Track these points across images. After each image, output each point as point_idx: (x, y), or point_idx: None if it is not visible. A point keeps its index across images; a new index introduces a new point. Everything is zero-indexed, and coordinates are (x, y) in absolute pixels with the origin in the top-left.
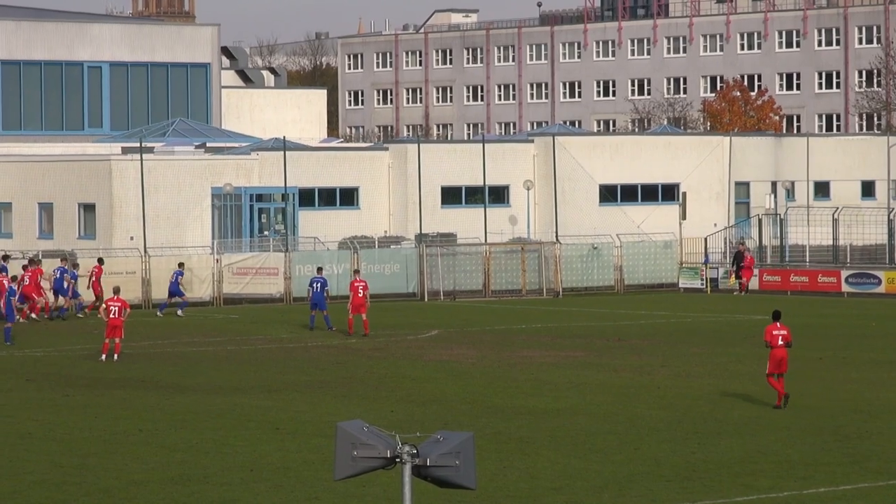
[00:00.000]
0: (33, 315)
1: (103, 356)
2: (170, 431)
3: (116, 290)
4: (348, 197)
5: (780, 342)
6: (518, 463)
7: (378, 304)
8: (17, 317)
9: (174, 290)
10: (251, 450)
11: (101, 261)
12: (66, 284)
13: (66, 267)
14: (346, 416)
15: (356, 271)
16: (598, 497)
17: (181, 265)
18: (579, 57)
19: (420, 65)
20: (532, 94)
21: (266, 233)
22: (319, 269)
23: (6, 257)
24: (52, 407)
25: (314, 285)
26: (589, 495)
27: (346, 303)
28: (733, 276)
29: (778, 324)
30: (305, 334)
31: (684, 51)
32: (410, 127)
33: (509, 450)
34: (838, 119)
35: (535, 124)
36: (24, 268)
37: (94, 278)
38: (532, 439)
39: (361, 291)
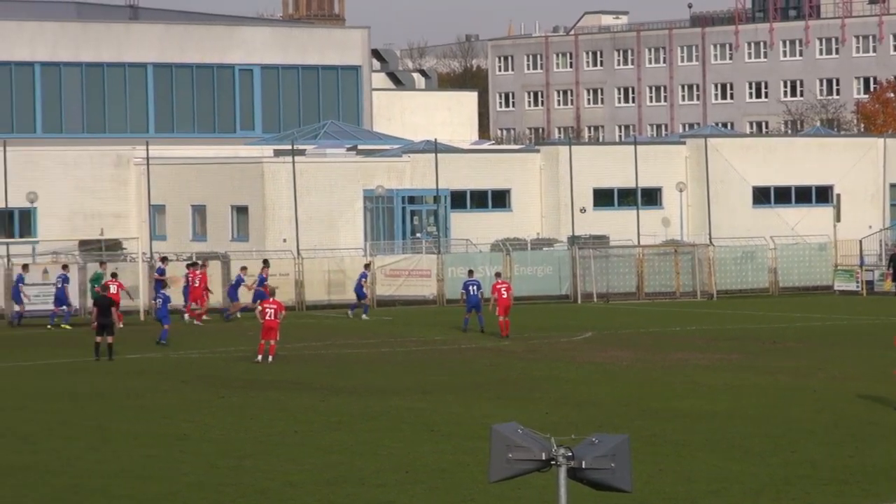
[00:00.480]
0: (197, 320)
1: (259, 357)
2: (325, 433)
3: (272, 293)
4: (500, 199)
5: None
6: (674, 466)
7: (531, 306)
8: (189, 318)
9: (359, 291)
10: (406, 451)
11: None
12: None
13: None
14: (501, 419)
15: (497, 274)
16: (755, 500)
17: (367, 266)
18: (731, 58)
19: (571, 67)
20: (683, 96)
21: (418, 235)
22: (471, 272)
23: (165, 259)
24: (207, 408)
25: (470, 288)
26: (746, 498)
27: (491, 305)
28: (890, 279)
29: None
30: (459, 336)
31: (837, 52)
32: (561, 129)
33: (665, 452)
34: None
35: (686, 126)
36: (189, 268)
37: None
38: (688, 442)
39: (505, 293)
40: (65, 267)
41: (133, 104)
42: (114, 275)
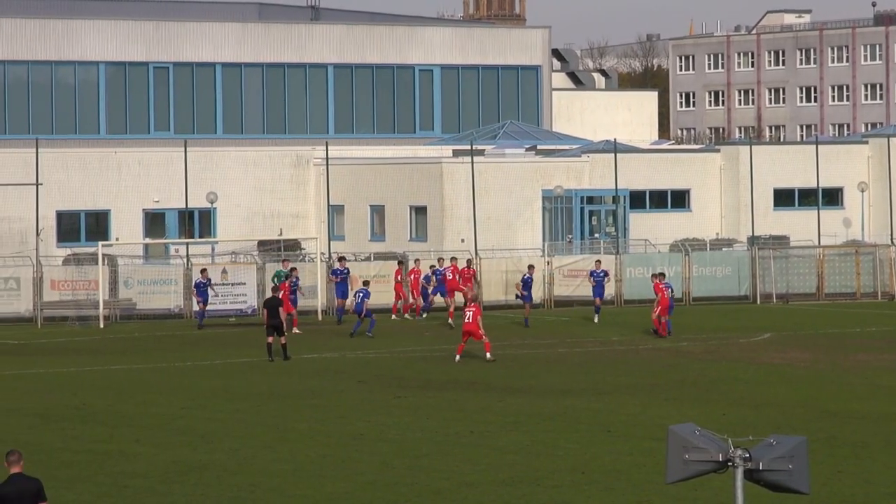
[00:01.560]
0: (405, 315)
1: (457, 357)
2: (501, 433)
3: (474, 298)
4: (679, 199)
5: None
6: (853, 468)
7: (709, 306)
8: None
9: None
10: (582, 452)
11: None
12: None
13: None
14: (678, 419)
15: (661, 274)
16: None
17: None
18: None
19: (752, 66)
20: (866, 95)
21: (597, 235)
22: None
23: (342, 259)
24: (383, 408)
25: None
26: None
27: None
28: None
29: None
30: (636, 337)
31: None
32: (742, 128)
33: (843, 454)
34: None
35: (869, 125)
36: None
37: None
38: (867, 444)
39: (668, 293)
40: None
41: (313, 105)
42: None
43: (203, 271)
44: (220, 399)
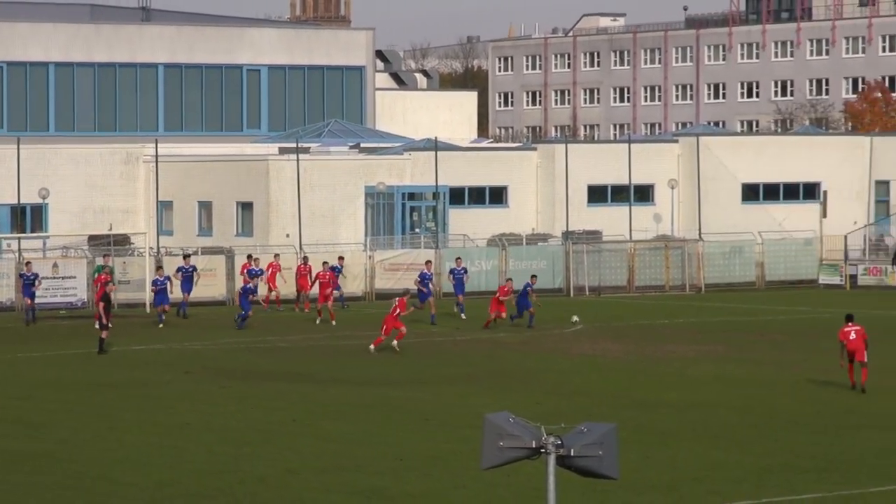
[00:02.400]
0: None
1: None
2: (323, 422)
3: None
4: (497, 195)
5: (853, 336)
6: (660, 454)
7: None
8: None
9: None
10: (401, 440)
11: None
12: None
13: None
14: (494, 408)
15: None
16: (738, 487)
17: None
18: (724, 59)
19: (568, 67)
20: (677, 96)
21: (417, 230)
22: (458, 259)
23: (187, 256)
24: (209, 398)
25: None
26: (729, 486)
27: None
28: None
29: (850, 323)
30: (455, 328)
31: (827, 53)
32: (558, 127)
33: (651, 441)
34: None
35: (679, 125)
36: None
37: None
38: (674, 431)
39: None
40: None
41: (143, 103)
42: (159, 268)
43: (27, 264)
44: (51, 390)
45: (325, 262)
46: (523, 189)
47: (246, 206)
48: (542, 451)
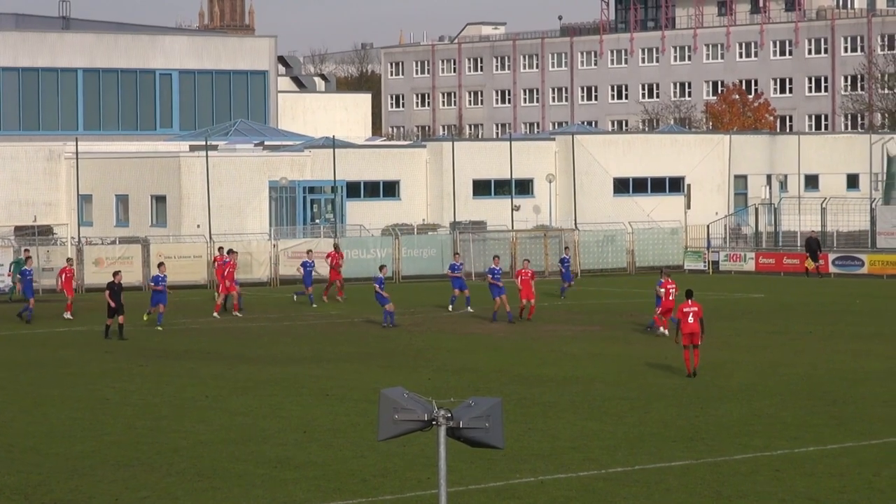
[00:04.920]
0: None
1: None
2: (232, 398)
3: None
4: (390, 189)
5: (691, 319)
6: (541, 425)
7: (417, 283)
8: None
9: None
10: (304, 413)
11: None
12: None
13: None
14: (389, 384)
15: (526, 260)
16: (612, 455)
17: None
18: (596, 64)
19: (454, 71)
20: (554, 98)
21: (317, 221)
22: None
23: (230, 251)
24: (127, 376)
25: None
26: (604, 453)
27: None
28: (808, 259)
29: (690, 301)
30: (353, 312)
31: (689, 59)
32: (446, 127)
33: (533, 413)
34: (826, 119)
35: (556, 124)
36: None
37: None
38: (554, 404)
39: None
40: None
41: (64, 104)
42: (161, 265)
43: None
44: None
45: (220, 248)
46: (414, 183)
47: (160, 199)
48: (434, 423)
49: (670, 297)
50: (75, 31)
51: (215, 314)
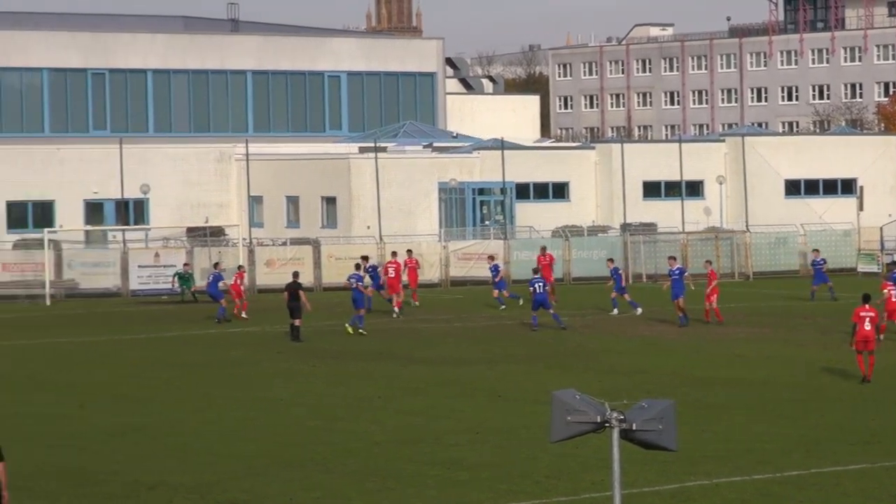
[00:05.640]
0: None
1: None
2: (405, 398)
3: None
4: (559, 190)
5: (868, 325)
6: (714, 427)
7: (587, 285)
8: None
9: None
10: (477, 414)
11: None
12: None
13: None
14: (560, 386)
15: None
16: (787, 458)
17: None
18: (765, 65)
19: (622, 73)
20: (723, 99)
21: (487, 222)
22: (535, 270)
23: (366, 258)
24: (301, 376)
25: (536, 286)
26: (778, 457)
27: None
28: None
29: (867, 306)
30: (522, 313)
31: (860, 59)
32: (614, 128)
33: (707, 416)
34: None
35: (725, 125)
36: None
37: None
38: (726, 406)
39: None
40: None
41: (234, 106)
42: (240, 267)
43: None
44: (155, 368)
45: (394, 252)
46: (583, 185)
47: (330, 201)
48: (607, 425)
49: (893, 300)
50: (244, 34)
51: (396, 310)
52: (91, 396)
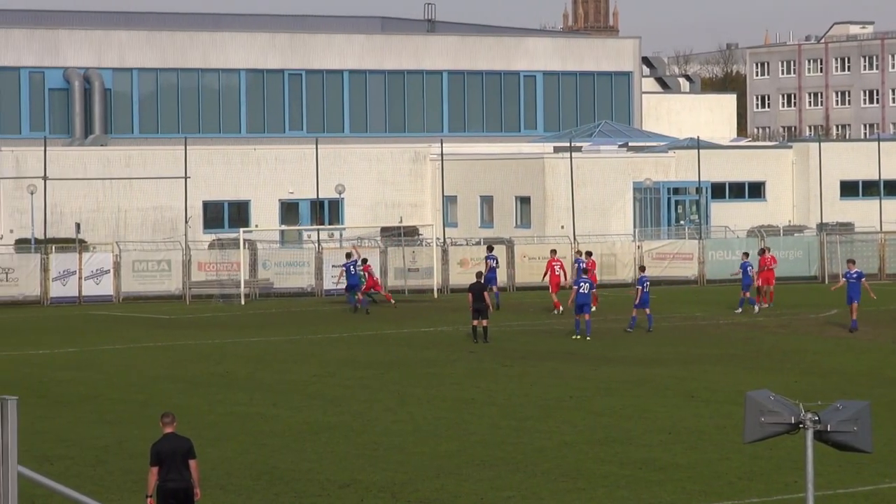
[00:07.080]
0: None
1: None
2: (596, 398)
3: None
4: (755, 190)
5: None
6: None
7: (782, 285)
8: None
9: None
10: (669, 415)
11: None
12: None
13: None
14: (754, 386)
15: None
16: None
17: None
18: None
19: (821, 71)
20: None
21: (682, 222)
22: (746, 254)
23: (349, 254)
24: (491, 376)
25: (748, 269)
26: None
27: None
28: None
29: None
30: (717, 312)
31: None
32: (812, 127)
33: None
34: None
35: None
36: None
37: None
38: None
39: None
40: (348, 255)
41: (429, 106)
42: (364, 260)
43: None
44: (347, 367)
45: (553, 251)
46: (780, 184)
47: (524, 200)
48: (801, 426)
49: None
50: (440, 34)
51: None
52: (284, 395)
